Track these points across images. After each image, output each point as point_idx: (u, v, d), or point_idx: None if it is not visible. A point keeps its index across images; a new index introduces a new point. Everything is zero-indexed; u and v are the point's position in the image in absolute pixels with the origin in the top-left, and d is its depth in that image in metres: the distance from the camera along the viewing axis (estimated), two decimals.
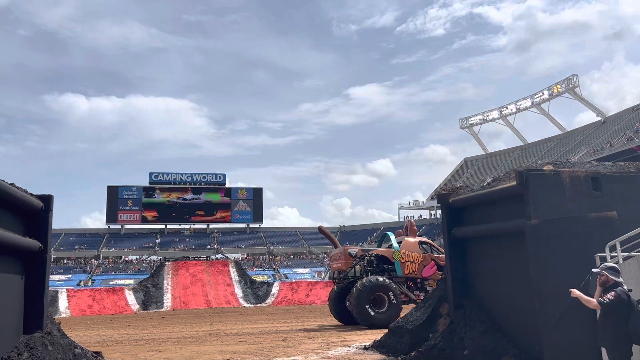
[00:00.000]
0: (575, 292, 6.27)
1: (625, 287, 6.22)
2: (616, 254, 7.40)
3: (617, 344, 5.95)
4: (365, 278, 18.59)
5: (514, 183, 8.49)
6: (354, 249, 20.91)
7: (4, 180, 6.84)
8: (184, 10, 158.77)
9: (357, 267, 19.97)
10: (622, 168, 9.07)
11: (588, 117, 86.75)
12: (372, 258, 20.09)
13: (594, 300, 6.10)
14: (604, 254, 7.41)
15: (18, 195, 7.15)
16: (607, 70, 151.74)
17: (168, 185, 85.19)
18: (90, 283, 63.28)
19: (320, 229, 24.37)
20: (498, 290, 9.18)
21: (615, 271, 6.31)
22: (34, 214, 7.79)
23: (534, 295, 7.82)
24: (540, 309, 7.71)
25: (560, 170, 8.39)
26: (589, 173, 8.47)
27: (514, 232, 8.46)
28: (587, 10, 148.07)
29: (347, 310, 19.27)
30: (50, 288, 8.52)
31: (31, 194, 7.75)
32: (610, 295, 5.96)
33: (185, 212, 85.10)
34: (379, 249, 21.37)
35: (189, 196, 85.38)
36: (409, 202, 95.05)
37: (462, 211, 10.31)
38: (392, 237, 21.35)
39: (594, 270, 6.63)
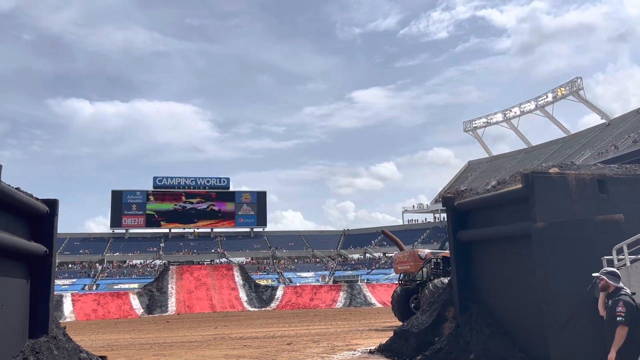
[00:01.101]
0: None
1: (627, 290, 6.16)
2: (623, 256, 7.35)
3: (623, 349, 5.89)
4: (436, 280, 18.73)
5: (520, 186, 8.46)
6: (423, 252, 21.13)
7: (9, 185, 6.85)
8: (187, 14, 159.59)
9: (424, 269, 20.19)
10: (628, 170, 9.02)
11: (593, 120, 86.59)
12: (439, 260, 20.26)
13: (621, 336, 5.84)
14: (611, 257, 7.36)
15: (24, 200, 7.17)
16: (612, 72, 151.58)
17: (172, 190, 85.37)
18: (94, 287, 63.48)
19: (384, 232, 24.56)
20: (504, 293, 9.14)
21: (615, 276, 6.25)
22: (39, 218, 7.81)
23: (540, 299, 7.78)
24: (546, 312, 7.66)
25: (566, 172, 8.35)
26: (595, 175, 8.43)
27: (519, 235, 8.42)
28: (592, 12, 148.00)
29: (412, 312, 19.54)
30: (54, 292, 8.53)
31: (37, 199, 7.76)
32: (621, 309, 5.87)
33: (189, 216, 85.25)
34: (447, 251, 21.57)
35: (193, 200, 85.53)
36: (413, 206, 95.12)
37: (467, 214, 10.28)
38: None
39: (595, 274, 6.58)
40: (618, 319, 5.83)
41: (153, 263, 75.58)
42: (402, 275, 21.72)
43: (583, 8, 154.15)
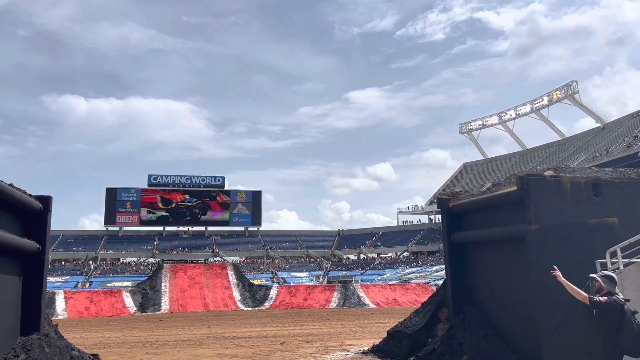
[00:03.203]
0: (561, 277, 6.15)
1: (620, 296, 6.17)
2: (617, 260, 7.38)
3: (606, 352, 5.90)
4: None
5: (515, 188, 8.48)
6: None
7: (2, 181, 6.80)
8: (184, 12, 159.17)
9: None
10: (622, 174, 9.06)
11: (588, 123, 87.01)
12: None
13: (583, 292, 6.02)
14: (605, 260, 7.38)
15: (17, 196, 7.12)
16: (609, 75, 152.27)
17: (167, 188, 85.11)
18: (87, 285, 63.14)
19: None
20: (498, 295, 9.15)
21: (611, 281, 6.25)
22: (32, 214, 7.76)
23: (534, 301, 7.79)
24: (540, 315, 7.67)
25: (561, 175, 8.38)
26: (590, 179, 8.45)
27: (514, 237, 8.44)
28: (590, 16, 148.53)
29: None
30: (47, 290, 8.48)
31: (30, 195, 7.71)
32: (601, 298, 5.91)
33: (183, 215, 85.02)
34: None
35: (188, 198, 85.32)
36: (408, 207, 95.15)
37: (462, 216, 10.29)
38: None
39: (592, 275, 6.59)
40: (595, 298, 5.90)
41: (147, 261, 75.32)
42: None
43: (581, 11, 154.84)
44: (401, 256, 79.64)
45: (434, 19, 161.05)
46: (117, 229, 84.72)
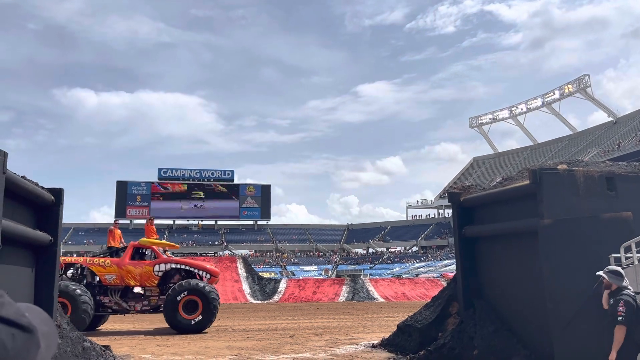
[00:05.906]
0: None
1: (630, 290, 6.11)
2: (631, 254, 7.29)
3: (622, 349, 5.84)
4: None
5: (527, 182, 8.39)
6: None
7: (15, 173, 6.84)
8: (192, 4, 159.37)
9: None
10: (637, 168, 8.94)
11: (601, 117, 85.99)
12: None
13: (618, 335, 5.80)
14: (619, 255, 7.30)
15: (29, 188, 7.16)
16: (624, 68, 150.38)
17: (177, 181, 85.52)
18: None
19: None
20: (509, 289, 9.10)
21: (616, 275, 6.18)
22: (44, 207, 7.81)
23: (545, 296, 7.73)
24: (552, 310, 7.61)
25: (574, 169, 8.28)
26: (604, 173, 8.35)
27: (526, 231, 8.37)
28: (605, 7, 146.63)
29: None
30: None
31: (42, 187, 7.76)
32: (621, 308, 5.83)
33: (193, 209, 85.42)
34: None
35: (197, 192, 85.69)
36: (418, 201, 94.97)
37: (473, 210, 10.22)
38: None
39: (598, 273, 6.52)
40: (619, 318, 5.79)
41: None
42: None
43: (596, 2, 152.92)
44: (410, 250, 79.53)
45: (445, 12, 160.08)
46: (128, 222, 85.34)
